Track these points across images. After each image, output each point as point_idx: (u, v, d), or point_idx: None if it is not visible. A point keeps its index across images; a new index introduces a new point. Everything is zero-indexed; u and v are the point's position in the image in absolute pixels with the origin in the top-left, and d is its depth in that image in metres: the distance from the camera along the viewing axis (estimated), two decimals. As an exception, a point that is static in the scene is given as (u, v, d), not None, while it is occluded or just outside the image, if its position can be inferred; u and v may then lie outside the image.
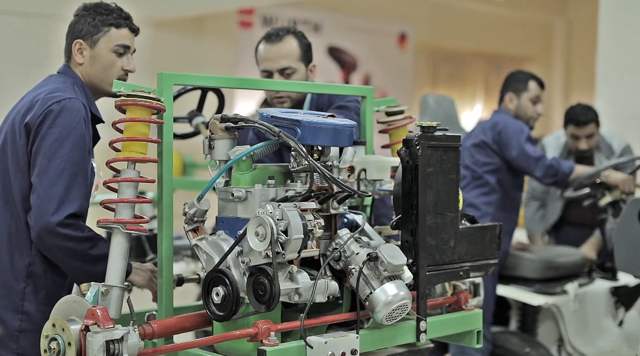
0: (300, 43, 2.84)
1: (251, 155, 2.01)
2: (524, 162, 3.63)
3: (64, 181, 2.13)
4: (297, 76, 2.81)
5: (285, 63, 2.79)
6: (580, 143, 4.20)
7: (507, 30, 14.45)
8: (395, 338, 2.08)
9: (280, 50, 2.80)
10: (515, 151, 3.62)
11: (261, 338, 1.85)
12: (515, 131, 3.65)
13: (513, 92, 3.95)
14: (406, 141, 2.10)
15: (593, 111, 4.21)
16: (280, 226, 1.84)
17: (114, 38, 2.35)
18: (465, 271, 2.23)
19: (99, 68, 2.33)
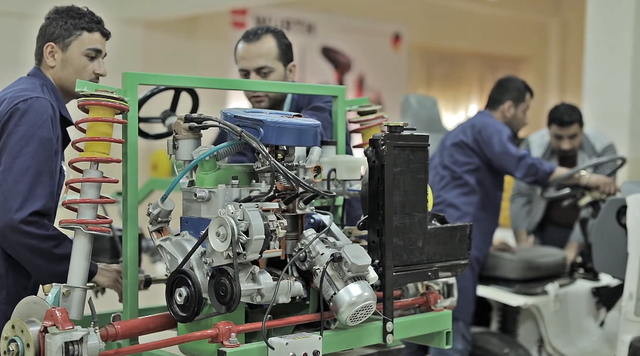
0: (278, 42, 2.81)
1: (215, 155, 2.00)
2: (505, 161, 3.60)
3: (29, 179, 2.12)
4: (275, 75, 2.78)
5: (262, 62, 2.77)
6: (563, 143, 4.19)
7: (502, 31, 14.45)
8: (361, 339, 2.07)
9: (258, 49, 2.78)
10: (498, 148, 3.60)
11: (222, 339, 1.84)
12: (495, 130, 3.63)
13: (513, 101, 3.90)
14: (372, 140, 2.09)
15: (577, 111, 4.20)
16: (241, 227, 1.83)
17: (86, 42, 2.36)
18: (434, 272, 2.22)
19: (70, 71, 2.34)
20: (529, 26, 14.84)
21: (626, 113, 5.46)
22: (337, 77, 12.98)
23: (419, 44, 13.81)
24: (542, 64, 14.99)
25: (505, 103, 3.89)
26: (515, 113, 3.86)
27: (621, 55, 5.50)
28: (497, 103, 3.91)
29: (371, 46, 13.23)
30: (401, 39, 13.62)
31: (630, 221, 3.00)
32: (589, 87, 5.67)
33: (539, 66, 15.22)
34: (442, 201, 3.65)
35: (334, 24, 12.77)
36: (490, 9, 13.42)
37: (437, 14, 13.68)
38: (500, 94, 3.92)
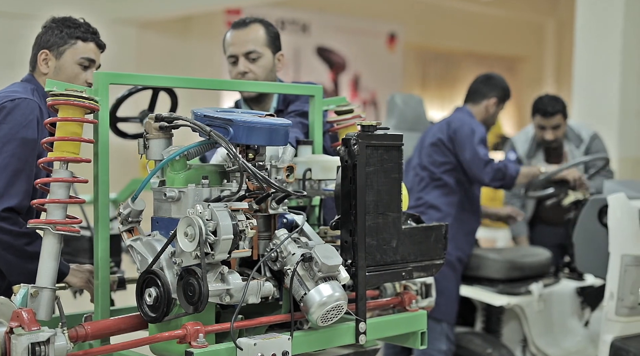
0: (267, 30, 2.85)
1: (185, 155, 1.99)
2: (474, 165, 3.55)
3: (7, 176, 2.14)
4: (263, 61, 2.81)
5: (250, 47, 2.79)
6: (546, 133, 4.20)
7: (497, 31, 14.45)
8: (333, 339, 2.06)
9: (247, 35, 2.82)
10: (469, 153, 3.56)
11: (189, 339, 1.83)
12: (470, 132, 3.59)
13: (497, 99, 3.85)
14: (344, 140, 2.08)
15: (561, 102, 4.19)
16: (209, 227, 1.82)
17: (80, 51, 2.42)
18: (409, 272, 2.21)
19: (62, 79, 2.38)
20: (525, 26, 14.84)
21: (615, 113, 5.47)
22: (332, 77, 12.97)
23: (414, 43, 13.80)
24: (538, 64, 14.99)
25: (491, 99, 3.83)
26: (495, 111, 3.83)
27: (610, 56, 5.51)
28: (482, 97, 3.83)
29: (366, 46, 13.23)
30: (396, 38, 13.61)
31: (611, 221, 3.00)
32: (578, 88, 5.68)
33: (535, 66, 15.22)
34: (424, 202, 3.63)
35: (329, 23, 12.77)
36: (485, 9, 13.41)
37: (432, 14, 13.68)
38: (488, 88, 3.85)
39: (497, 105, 3.84)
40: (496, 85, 3.87)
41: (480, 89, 3.86)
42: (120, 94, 2.79)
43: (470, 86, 3.93)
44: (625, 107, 5.49)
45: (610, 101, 5.48)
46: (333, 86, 12.93)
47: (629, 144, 5.54)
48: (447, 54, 14.33)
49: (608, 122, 5.43)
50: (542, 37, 14.90)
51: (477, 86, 3.88)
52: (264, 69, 2.79)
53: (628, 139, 5.53)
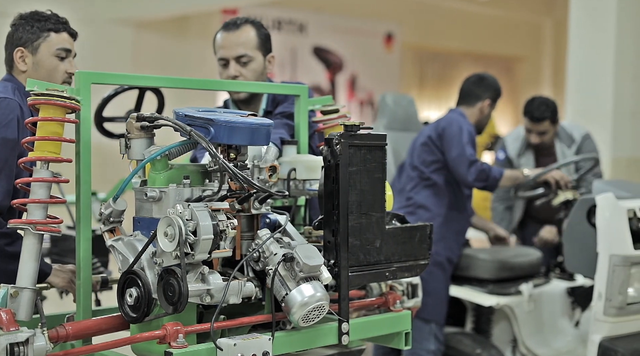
0: (258, 32, 2.83)
1: (166, 155, 1.99)
2: (459, 164, 3.51)
3: None
4: (254, 64, 2.80)
5: (241, 51, 2.78)
6: (531, 137, 4.20)
7: (495, 30, 14.44)
8: (316, 339, 2.05)
9: (238, 38, 2.79)
10: (455, 151, 3.53)
11: (169, 340, 1.82)
12: (459, 130, 3.55)
13: (491, 100, 3.81)
14: (327, 140, 2.08)
15: (550, 109, 4.16)
16: (189, 227, 1.81)
17: (55, 42, 2.42)
18: (392, 272, 2.20)
19: (43, 73, 2.37)
20: (523, 26, 14.84)
21: (609, 113, 5.47)
22: (329, 77, 12.97)
23: (412, 43, 13.80)
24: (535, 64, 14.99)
25: (485, 100, 3.79)
26: (489, 112, 3.81)
27: (604, 57, 5.51)
28: (477, 99, 3.79)
29: (363, 46, 13.22)
30: (393, 38, 13.60)
31: (599, 221, 2.99)
32: (572, 88, 5.68)
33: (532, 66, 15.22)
34: (413, 202, 3.62)
35: (326, 23, 12.77)
36: (483, 9, 13.40)
37: (429, 14, 13.67)
38: (481, 90, 3.80)
39: (491, 106, 3.82)
40: (489, 86, 3.83)
41: (474, 91, 3.81)
42: (107, 94, 2.79)
43: (462, 87, 3.88)
44: (618, 107, 5.50)
45: (604, 101, 5.48)
46: (330, 86, 12.93)
47: (622, 144, 5.54)
48: (445, 54, 14.33)
49: (602, 122, 5.43)
50: (539, 37, 14.90)
51: (470, 88, 3.84)
52: (255, 72, 2.78)
53: (622, 139, 5.53)
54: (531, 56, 15.12)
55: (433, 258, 3.53)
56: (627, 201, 3.05)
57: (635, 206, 3.03)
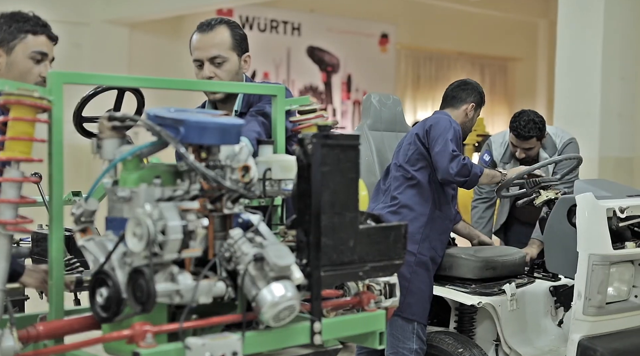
0: (232, 33, 2.86)
1: (138, 155, 1.99)
2: (442, 158, 3.49)
3: None
4: (229, 65, 2.84)
5: (215, 52, 2.82)
6: (517, 151, 4.21)
7: (490, 31, 14.46)
8: (288, 339, 2.05)
9: (212, 39, 2.83)
10: (439, 146, 3.52)
11: (137, 340, 1.82)
12: (446, 126, 3.55)
13: (475, 104, 3.83)
14: (300, 140, 2.08)
15: (537, 126, 4.12)
16: (158, 226, 1.82)
17: (31, 44, 2.40)
18: (366, 272, 2.20)
19: (15, 74, 2.36)
20: (518, 27, 14.85)
21: (596, 113, 5.49)
22: (324, 77, 12.98)
23: (406, 44, 13.82)
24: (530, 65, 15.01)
25: (469, 103, 3.81)
26: (473, 116, 3.83)
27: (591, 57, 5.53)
28: (461, 102, 3.81)
29: (358, 47, 13.25)
30: (388, 39, 13.62)
31: (579, 220, 3.00)
32: (560, 88, 5.70)
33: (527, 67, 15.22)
34: (398, 202, 3.62)
35: (321, 24, 12.78)
36: (478, 10, 13.42)
37: (424, 15, 13.68)
38: (465, 94, 3.83)
39: (475, 110, 3.84)
40: (473, 89, 3.86)
41: (458, 94, 3.84)
42: (86, 94, 2.79)
43: (445, 92, 3.91)
44: (606, 107, 5.52)
45: (592, 102, 5.50)
46: (325, 86, 12.95)
47: (610, 144, 5.56)
48: (440, 55, 14.35)
49: (589, 123, 5.45)
50: (534, 37, 14.92)
51: (454, 92, 3.87)
52: (229, 73, 2.82)
53: (609, 139, 5.55)
54: (526, 57, 15.13)
55: (417, 258, 3.54)
56: (607, 201, 3.06)
57: (615, 205, 3.04)
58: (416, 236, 3.54)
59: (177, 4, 10.32)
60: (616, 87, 5.60)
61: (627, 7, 5.70)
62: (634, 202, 3.12)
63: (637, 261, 3.09)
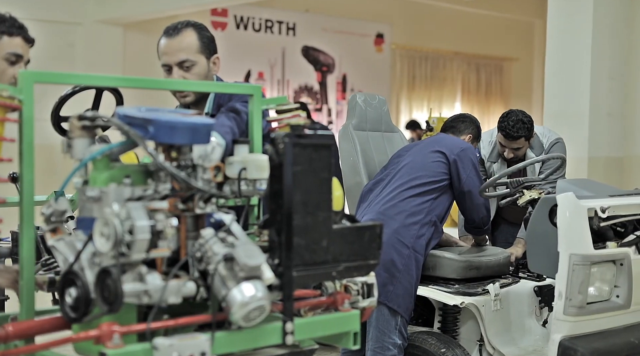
0: (199, 35, 2.86)
1: (108, 154, 1.99)
2: (475, 214, 3.83)
3: None
4: (197, 68, 2.84)
5: (183, 56, 2.82)
6: (504, 152, 4.21)
7: (486, 31, 14.45)
8: (259, 339, 2.04)
9: (179, 43, 2.83)
10: (477, 199, 3.79)
11: (104, 340, 1.82)
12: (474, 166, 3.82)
13: (473, 136, 4.03)
14: (272, 139, 2.07)
15: (526, 126, 4.13)
16: (125, 226, 1.81)
17: (6, 46, 2.40)
18: (340, 272, 2.20)
19: None
20: (514, 27, 14.84)
21: (585, 113, 5.48)
22: (319, 77, 12.97)
23: (402, 44, 13.81)
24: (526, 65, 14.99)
25: (467, 135, 4.00)
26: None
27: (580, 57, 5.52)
28: (459, 132, 4.02)
29: (353, 46, 13.24)
30: (383, 39, 13.61)
31: (559, 220, 2.99)
32: (549, 88, 5.69)
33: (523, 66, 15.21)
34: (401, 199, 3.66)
35: (316, 24, 12.77)
36: (473, 10, 13.41)
37: (419, 14, 13.67)
38: (464, 126, 4.04)
39: (472, 142, 4.02)
40: (472, 122, 4.06)
41: (457, 126, 4.05)
42: (64, 93, 2.79)
43: (445, 122, 4.11)
44: (595, 107, 5.51)
45: (581, 101, 5.49)
46: (320, 86, 12.93)
47: (599, 144, 5.55)
48: (435, 55, 14.33)
49: (578, 122, 5.44)
50: (530, 37, 14.91)
51: (454, 123, 4.07)
52: (199, 76, 2.83)
53: (598, 139, 5.54)
54: (522, 57, 15.12)
55: (410, 251, 3.55)
56: (589, 201, 3.05)
57: (597, 205, 3.03)
58: (411, 230, 3.56)
59: (171, 4, 10.31)
60: (605, 87, 5.59)
61: (616, 7, 5.70)
62: (616, 202, 3.11)
63: (619, 261, 3.09)
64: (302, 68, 12.76)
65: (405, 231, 3.53)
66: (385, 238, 3.50)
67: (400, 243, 3.52)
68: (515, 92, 15.13)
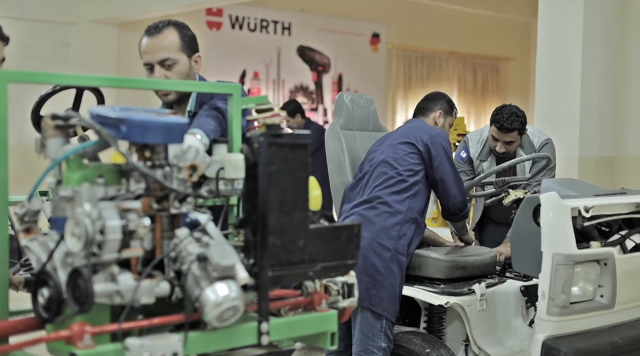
0: (180, 34, 2.89)
1: (81, 154, 1.98)
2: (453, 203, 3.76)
3: None
4: (179, 67, 2.87)
5: (164, 55, 2.84)
6: (497, 145, 4.19)
7: (482, 31, 14.44)
8: (233, 339, 2.03)
9: (160, 42, 2.86)
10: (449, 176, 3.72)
11: (75, 340, 1.81)
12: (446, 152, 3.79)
13: (442, 111, 3.95)
14: (247, 138, 2.07)
15: (520, 120, 4.14)
16: (96, 226, 1.80)
17: None
18: (317, 272, 2.19)
19: None
20: (510, 26, 14.83)
21: (576, 113, 5.47)
22: (314, 77, 12.96)
23: (398, 44, 13.80)
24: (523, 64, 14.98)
25: (436, 111, 3.95)
26: (443, 123, 3.90)
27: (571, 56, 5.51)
28: (429, 111, 3.97)
29: (349, 46, 13.23)
30: (379, 39, 13.60)
31: (543, 220, 2.98)
32: (540, 87, 5.68)
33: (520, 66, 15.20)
34: (376, 197, 3.64)
35: (311, 24, 12.76)
36: (469, 9, 13.40)
37: (415, 14, 13.65)
38: (432, 103, 3.98)
39: (444, 116, 3.93)
40: (438, 99, 4.00)
41: (426, 105, 4.00)
42: (44, 92, 2.78)
43: (415, 108, 4.07)
44: (586, 106, 5.50)
45: (572, 101, 5.49)
46: (315, 86, 12.92)
47: (590, 143, 5.54)
48: (431, 54, 14.32)
49: (569, 122, 5.43)
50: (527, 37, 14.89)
51: (422, 104, 4.03)
52: (180, 74, 2.86)
53: (589, 138, 5.53)
54: (519, 57, 15.11)
55: (392, 254, 3.54)
56: (572, 200, 3.04)
57: (580, 205, 3.02)
58: (392, 232, 3.54)
59: (165, 4, 10.31)
60: (596, 86, 5.59)
61: (607, 5, 5.69)
62: (600, 201, 3.10)
63: (603, 261, 3.08)
64: (298, 68, 12.75)
65: (386, 234, 3.52)
66: (365, 242, 3.52)
67: (381, 246, 3.51)
68: (511, 92, 15.12)
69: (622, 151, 5.79)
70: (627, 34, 5.79)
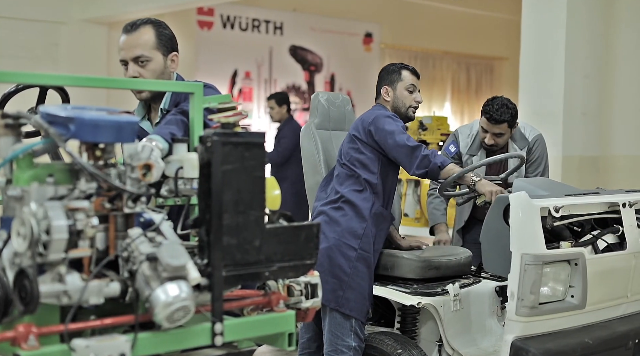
0: (157, 32, 2.90)
1: (30, 153, 1.96)
2: (400, 154, 3.62)
3: None
4: (153, 64, 2.87)
5: (138, 52, 2.85)
6: (486, 137, 4.16)
7: (475, 30, 14.42)
8: (186, 340, 2.01)
9: (136, 39, 2.87)
10: (391, 141, 3.62)
11: (19, 341, 1.79)
12: (381, 120, 3.65)
13: (387, 85, 3.88)
14: (201, 137, 2.05)
15: (510, 112, 4.11)
16: (42, 226, 1.78)
17: None
18: (273, 272, 2.17)
19: None
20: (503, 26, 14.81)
21: (560, 112, 5.46)
22: (307, 76, 12.94)
23: (391, 43, 13.78)
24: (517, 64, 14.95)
25: (382, 89, 3.89)
26: (395, 94, 3.83)
27: (555, 55, 5.50)
28: (378, 94, 3.92)
29: (342, 46, 13.21)
30: (372, 38, 13.58)
31: (512, 220, 2.97)
32: (524, 87, 5.67)
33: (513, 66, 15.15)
34: (341, 198, 3.61)
35: (303, 23, 12.74)
36: (463, 9, 13.38)
37: (408, 14, 13.64)
38: (379, 85, 3.93)
39: (392, 88, 3.86)
40: (380, 76, 3.93)
41: (377, 87, 3.96)
42: (7, 90, 2.76)
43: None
44: (569, 106, 5.48)
45: (555, 100, 5.47)
46: (307, 85, 12.90)
47: (573, 143, 5.53)
48: (424, 54, 14.30)
49: (553, 121, 5.42)
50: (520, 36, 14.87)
51: (376, 89, 3.99)
52: (154, 72, 2.86)
53: (572, 138, 5.52)
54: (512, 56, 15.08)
55: (358, 253, 3.52)
56: (542, 200, 3.02)
57: (550, 205, 3.00)
58: (358, 231, 3.53)
59: (156, 3, 10.29)
60: (580, 86, 5.57)
61: (590, 4, 5.68)
62: (570, 201, 3.08)
63: (574, 261, 3.06)
64: (290, 67, 12.73)
65: (351, 234, 3.50)
66: (331, 242, 3.50)
67: (346, 246, 3.49)
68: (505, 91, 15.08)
69: (606, 150, 5.77)
70: (612, 33, 5.78)
